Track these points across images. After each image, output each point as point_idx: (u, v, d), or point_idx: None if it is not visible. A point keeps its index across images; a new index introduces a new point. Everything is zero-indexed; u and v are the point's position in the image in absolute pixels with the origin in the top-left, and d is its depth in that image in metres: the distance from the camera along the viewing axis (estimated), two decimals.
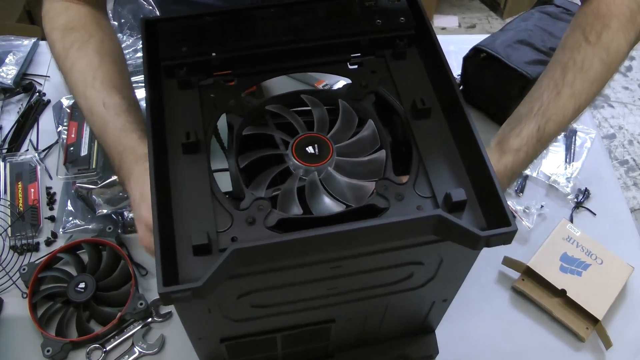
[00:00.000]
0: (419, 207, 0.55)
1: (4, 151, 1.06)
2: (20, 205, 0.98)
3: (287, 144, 0.61)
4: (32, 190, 1.00)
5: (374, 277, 0.60)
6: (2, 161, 1.03)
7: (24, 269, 0.88)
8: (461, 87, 1.13)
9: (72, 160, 0.94)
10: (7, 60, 1.16)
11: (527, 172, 1.06)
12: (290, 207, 0.56)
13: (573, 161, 1.08)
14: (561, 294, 0.89)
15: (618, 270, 0.92)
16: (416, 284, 0.64)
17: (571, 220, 1.01)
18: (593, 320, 0.88)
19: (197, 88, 0.64)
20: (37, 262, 0.89)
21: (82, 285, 0.86)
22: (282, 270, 0.54)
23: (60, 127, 1.03)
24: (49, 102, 1.13)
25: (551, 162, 1.08)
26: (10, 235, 0.94)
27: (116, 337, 0.85)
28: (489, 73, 1.06)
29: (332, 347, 0.78)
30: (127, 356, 0.84)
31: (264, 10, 0.68)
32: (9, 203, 0.98)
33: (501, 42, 1.05)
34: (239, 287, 0.55)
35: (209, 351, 0.71)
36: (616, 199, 1.05)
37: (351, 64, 0.68)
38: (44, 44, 1.24)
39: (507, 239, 0.51)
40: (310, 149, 0.60)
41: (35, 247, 0.94)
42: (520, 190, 1.04)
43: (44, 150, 1.06)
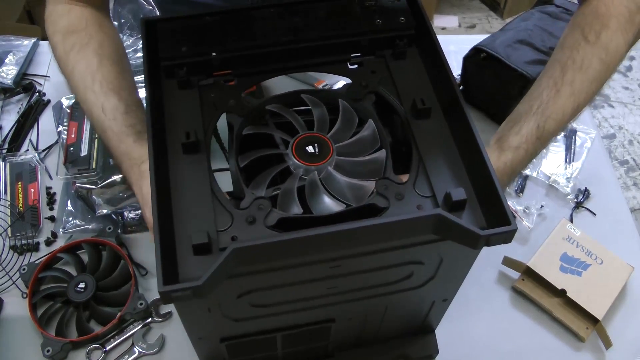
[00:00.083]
0: (419, 207, 0.55)
1: (4, 151, 1.06)
2: (20, 205, 0.98)
3: (287, 143, 0.61)
4: (32, 190, 1.00)
5: (374, 277, 0.60)
6: (2, 161, 1.03)
7: (24, 269, 0.88)
8: (461, 87, 1.13)
9: (72, 160, 0.94)
10: (7, 60, 1.16)
11: (527, 172, 1.06)
12: (291, 207, 0.56)
13: (573, 161, 1.08)
14: (561, 294, 0.89)
15: (618, 270, 0.92)
16: (416, 284, 0.64)
17: (571, 220, 1.01)
18: (593, 320, 0.87)
19: (197, 88, 0.64)
20: (37, 262, 0.89)
21: (82, 285, 0.86)
22: (282, 270, 0.54)
23: (60, 127, 1.03)
24: (49, 102, 1.13)
25: (551, 162, 1.08)
26: (10, 235, 0.94)
27: (116, 337, 0.85)
28: (489, 73, 1.06)
29: (332, 347, 0.78)
30: (127, 356, 0.84)
31: (264, 10, 0.68)
32: (9, 203, 0.98)
33: (501, 42, 1.05)
34: (239, 287, 0.55)
35: (209, 351, 0.71)
36: (616, 199, 1.05)
37: (351, 64, 0.68)
38: (44, 44, 1.24)
39: (507, 238, 0.51)
40: (310, 149, 0.60)
41: (35, 247, 0.94)
42: (520, 190, 1.04)
43: (44, 150, 1.06)
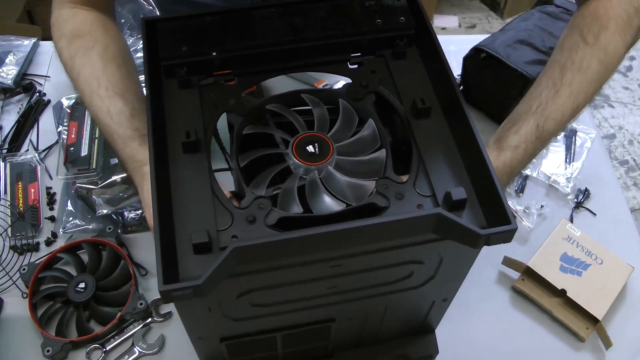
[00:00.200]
0: (419, 206, 0.55)
1: (4, 151, 1.06)
2: (21, 205, 0.98)
3: (287, 143, 0.61)
4: (32, 190, 1.00)
5: (374, 276, 0.60)
6: (2, 161, 1.03)
7: (24, 269, 0.88)
8: (461, 87, 1.13)
9: (72, 160, 0.94)
10: (7, 60, 1.16)
11: (527, 172, 1.06)
12: (291, 206, 0.56)
13: (573, 161, 1.08)
14: (561, 294, 0.89)
15: (618, 270, 0.92)
16: (416, 283, 0.64)
17: (571, 220, 1.01)
18: (593, 320, 0.87)
19: (197, 87, 0.64)
20: (37, 262, 0.89)
21: (82, 285, 0.86)
22: (282, 269, 0.54)
23: (60, 127, 1.03)
24: (49, 102, 1.13)
25: (551, 162, 1.08)
26: (10, 235, 0.94)
27: (116, 337, 0.85)
28: (489, 73, 1.06)
29: (332, 347, 0.78)
30: (127, 356, 0.84)
31: (264, 10, 0.68)
32: (9, 203, 0.98)
33: (501, 42, 1.05)
34: (239, 286, 0.55)
35: (209, 351, 0.71)
36: (616, 199, 1.05)
37: (351, 64, 0.68)
38: (44, 44, 1.24)
39: (507, 237, 0.51)
40: (310, 148, 0.60)
41: (35, 247, 0.94)
42: (520, 190, 1.04)
43: (44, 150, 1.06)
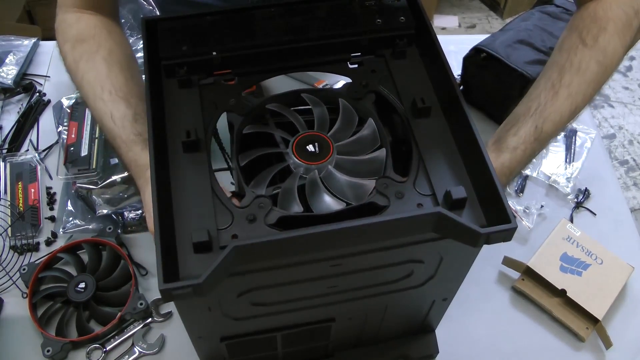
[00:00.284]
0: (419, 205, 0.55)
1: (4, 151, 1.06)
2: (21, 205, 0.98)
3: (287, 142, 0.61)
4: (32, 190, 1.00)
5: (374, 275, 0.60)
6: (2, 161, 1.03)
7: (24, 269, 0.88)
8: (461, 87, 1.13)
9: (72, 160, 0.94)
10: (7, 60, 1.16)
11: (527, 172, 1.06)
12: (291, 205, 0.56)
13: (573, 161, 1.08)
14: (561, 294, 0.89)
15: (618, 270, 0.92)
16: (416, 283, 0.64)
17: (571, 220, 1.01)
18: (593, 320, 0.87)
19: (197, 87, 0.64)
20: (37, 262, 0.89)
21: (82, 285, 0.86)
22: (282, 268, 0.54)
23: (60, 127, 1.03)
24: (49, 102, 1.13)
25: (551, 162, 1.08)
26: (10, 235, 0.94)
27: (116, 337, 0.85)
28: (489, 73, 1.06)
29: (332, 347, 0.78)
30: (127, 356, 0.84)
31: (264, 9, 0.68)
32: (9, 203, 0.98)
33: (501, 42, 1.05)
34: (239, 285, 0.55)
35: (209, 350, 0.71)
36: (616, 199, 1.05)
37: (351, 64, 0.68)
38: (44, 44, 1.24)
39: (507, 236, 0.51)
40: (310, 148, 0.60)
41: (35, 247, 0.94)
42: (520, 190, 1.04)
43: (44, 150, 1.06)
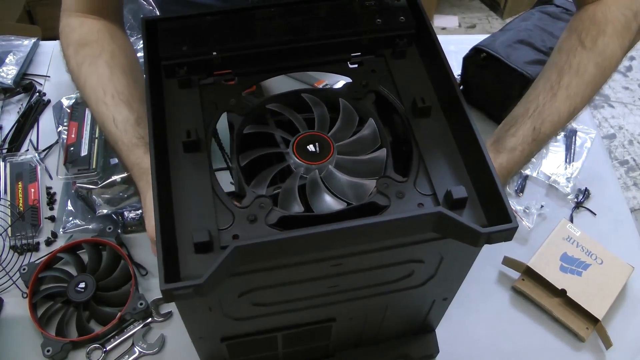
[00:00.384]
0: (420, 205, 0.55)
1: (4, 151, 1.06)
2: (21, 205, 0.98)
3: (287, 142, 0.61)
4: (32, 190, 1.00)
5: (375, 275, 0.60)
6: (2, 161, 1.03)
7: (24, 269, 0.88)
8: (461, 87, 1.13)
9: (72, 160, 0.94)
10: (7, 60, 1.16)
11: (527, 172, 1.06)
12: (292, 205, 0.56)
13: (573, 161, 1.08)
14: (561, 294, 0.89)
15: (618, 270, 0.92)
16: (417, 282, 0.64)
17: (571, 220, 1.01)
18: (593, 320, 0.87)
19: (197, 87, 0.64)
20: (37, 262, 0.89)
21: (82, 285, 0.86)
22: (283, 268, 0.54)
23: (60, 127, 1.03)
24: (49, 102, 1.13)
25: (551, 162, 1.08)
26: (10, 235, 0.94)
27: (116, 337, 0.85)
28: (489, 73, 1.06)
29: (333, 347, 0.78)
30: (127, 356, 0.84)
31: (264, 9, 0.68)
32: (9, 203, 0.98)
33: (501, 42, 1.05)
34: (240, 285, 0.55)
35: (209, 351, 0.71)
36: (616, 199, 1.05)
37: (351, 63, 0.68)
38: (44, 44, 1.24)
39: (508, 235, 0.51)
40: (311, 148, 0.60)
41: (35, 247, 0.94)
42: (520, 190, 1.04)
43: (44, 150, 1.06)
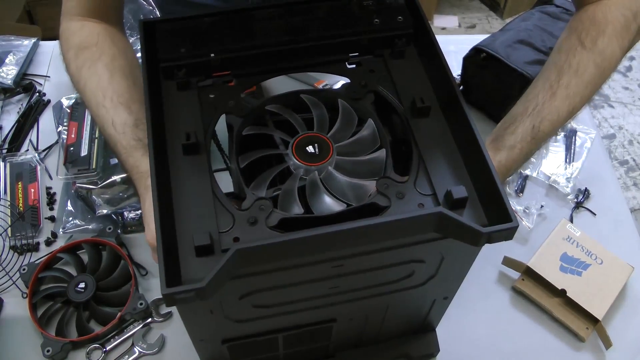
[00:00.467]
0: (420, 205, 0.55)
1: (4, 151, 1.06)
2: (20, 205, 0.98)
3: (287, 143, 0.61)
4: (32, 190, 1.00)
5: (376, 276, 0.60)
6: (2, 161, 1.03)
7: (24, 269, 0.88)
8: (461, 87, 1.13)
9: (72, 160, 0.94)
10: (7, 60, 1.16)
11: (527, 172, 1.06)
12: (292, 207, 0.56)
13: (573, 161, 1.08)
14: (561, 294, 0.89)
15: (618, 270, 0.92)
16: (417, 282, 0.64)
17: (571, 220, 1.01)
18: (593, 320, 0.87)
19: (196, 89, 0.64)
20: (37, 262, 0.89)
21: (82, 285, 0.86)
22: (284, 270, 0.54)
23: (60, 127, 1.03)
24: (49, 102, 1.13)
25: (551, 162, 1.08)
26: (10, 235, 0.94)
27: (116, 337, 0.85)
28: (489, 73, 1.06)
29: (333, 347, 0.78)
30: (127, 356, 0.84)
31: (262, 10, 0.68)
32: (9, 203, 0.98)
33: (501, 42, 1.05)
34: (241, 288, 0.55)
35: (210, 352, 0.70)
36: (616, 199, 1.05)
37: (350, 64, 0.68)
38: (44, 44, 1.24)
39: (509, 234, 0.51)
40: (310, 149, 0.60)
41: (35, 247, 0.94)
42: (520, 190, 1.04)
43: (44, 150, 1.06)
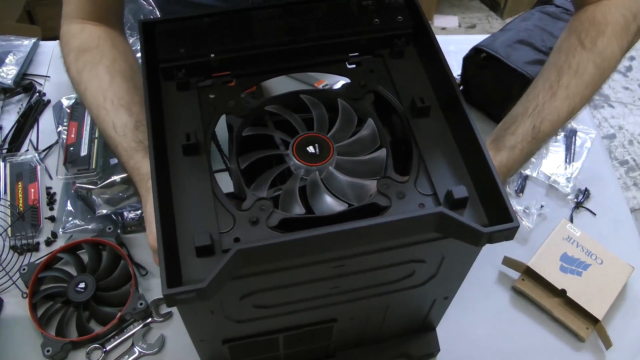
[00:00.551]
0: (421, 205, 0.55)
1: (4, 151, 1.06)
2: (20, 205, 0.98)
3: (287, 144, 0.61)
4: (32, 190, 1.00)
5: (376, 276, 0.60)
6: (2, 161, 1.03)
7: (24, 269, 0.88)
8: (461, 87, 1.13)
9: (72, 160, 0.94)
10: (7, 60, 1.16)
11: (527, 172, 1.06)
12: (292, 207, 0.56)
13: (573, 161, 1.08)
14: (561, 294, 0.89)
15: (618, 270, 0.92)
16: (418, 282, 0.64)
17: (571, 220, 1.01)
18: (593, 320, 0.87)
19: (196, 89, 0.64)
20: (37, 262, 0.89)
21: (82, 285, 0.86)
22: (285, 270, 0.54)
23: (60, 127, 1.03)
24: (49, 102, 1.13)
25: (551, 162, 1.08)
26: (10, 235, 0.94)
27: (116, 337, 0.85)
28: (489, 73, 1.06)
29: (334, 347, 0.78)
30: (127, 356, 0.84)
31: (262, 10, 0.68)
32: (9, 203, 0.98)
33: (501, 42, 1.05)
34: (242, 288, 0.55)
35: (211, 353, 0.70)
36: (616, 199, 1.05)
37: (349, 64, 0.68)
38: (44, 44, 1.24)
39: (510, 234, 0.51)
40: (310, 149, 0.60)
41: (35, 247, 0.94)
42: (520, 190, 1.04)
43: (44, 150, 1.06)
